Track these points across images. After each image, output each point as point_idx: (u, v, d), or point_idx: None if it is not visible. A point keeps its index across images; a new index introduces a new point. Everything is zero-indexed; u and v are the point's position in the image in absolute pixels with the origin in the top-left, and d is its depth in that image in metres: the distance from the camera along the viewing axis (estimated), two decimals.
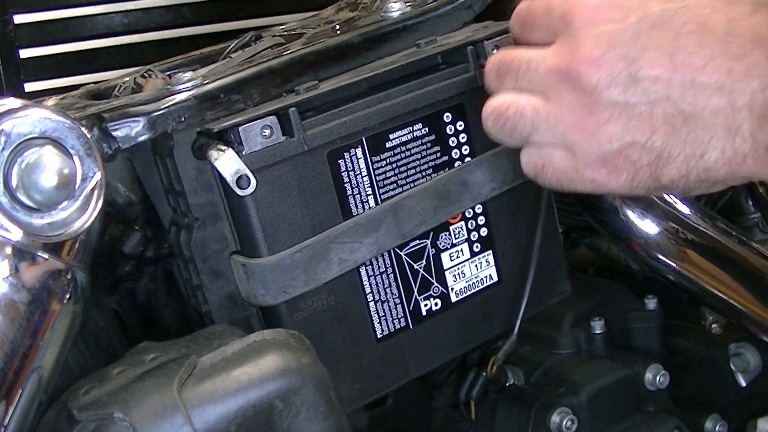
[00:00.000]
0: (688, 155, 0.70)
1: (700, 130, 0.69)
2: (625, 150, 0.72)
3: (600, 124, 0.72)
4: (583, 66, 0.71)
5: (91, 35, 1.35)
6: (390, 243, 0.87)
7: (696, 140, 0.69)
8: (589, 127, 0.72)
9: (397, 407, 1.06)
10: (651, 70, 0.69)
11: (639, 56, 0.70)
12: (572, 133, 0.73)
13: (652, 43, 0.70)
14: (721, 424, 1.17)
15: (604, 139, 0.72)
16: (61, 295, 0.69)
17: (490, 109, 0.78)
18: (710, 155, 0.69)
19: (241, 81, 0.85)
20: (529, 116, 0.75)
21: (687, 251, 1.08)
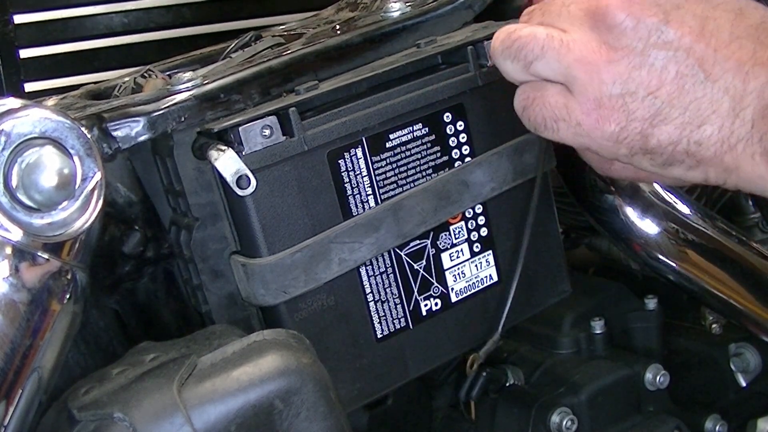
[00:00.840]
0: (686, 121, 0.69)
1: (706, 99, 0.69)
2: (625, 96, 0.70)
3: (610, 62, 0.70)
4: (614, 2, 0.70)
5: (91, 35, 1.35)
6: (390, 243, 0.87)
7: (698, 108, 0.69)
8: (597, 63, 0.71)
9: (397, 407, 1.06)
10: (680, 28, 0.69)
11: (672, 11, 0.69)
12: (577, 67, 0.72)
13: (689, 6, 0.69)
14: (721, 424, 1.17)
15: (608, 78, 0.71)
16: (61, 295, 0.69)
17: (505, 30, 0.76)
18: (707, 128, 0.69)
19: (241, 81, 0.85)
20: (541, 39, 0.73)
21: (687, 251, 1.08)
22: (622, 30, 0.70)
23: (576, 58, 0.71)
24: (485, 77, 0.89)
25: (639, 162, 0.73)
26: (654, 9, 0.70)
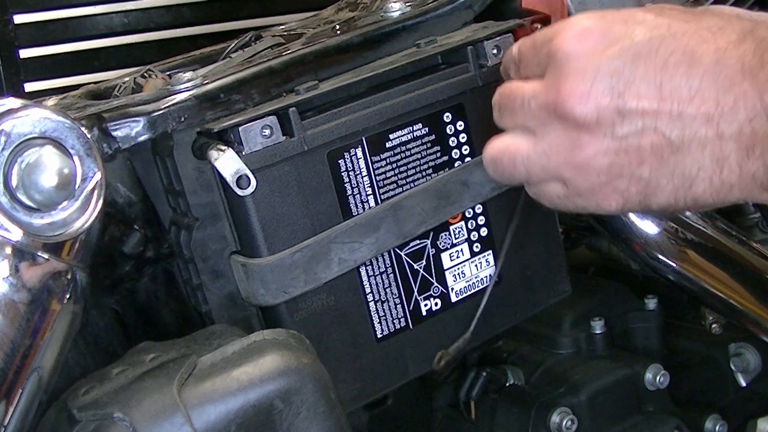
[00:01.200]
0: (677, 185, 0.71)
1: (688, 161, 0.69)
2: (614, 182, 0.72)
3: (588, 159, 0.72)
4: (570, 101, 0.71)
5: (91, 35, 1.35)
6: (390, 243, 0.87)
7: (684, 171, 0.70)
8: (578, 162, 0.73)
9: (397, 407, 1.05)
10: (638, 102, 0.69)
11: (626, 88, 0.69)
12: (563, 169, 0.74)
13: (638, 73, 0.69)
14: (721, 424, 1.17)
15: (592, 173, 0.73)
16: (61, 295, 0.69)
17: (489, 159, 0.81)
18: (698, 185, 0.70)
19: (241, 81, 0.85)
20: (520, 163, 0.77)
21: (687, 251, 1.08)
22: (587, 124, 0.71)
23: (558, 164, 0.74)
24: (485, 77, 0.90)
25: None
26: (608, 94, 0.70)
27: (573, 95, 0.70)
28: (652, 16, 0.71)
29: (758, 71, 0.66)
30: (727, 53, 0.67)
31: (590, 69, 0.70)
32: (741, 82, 0.67)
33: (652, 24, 0.70)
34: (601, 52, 0.70)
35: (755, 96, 0.66)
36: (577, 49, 0.71)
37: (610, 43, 0.70)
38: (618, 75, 0.69)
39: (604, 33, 0.71)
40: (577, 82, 0.70)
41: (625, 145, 0.70)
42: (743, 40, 0.68)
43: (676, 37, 0.69)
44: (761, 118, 0.66)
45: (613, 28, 0.71)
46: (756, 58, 0.66)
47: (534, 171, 0.77)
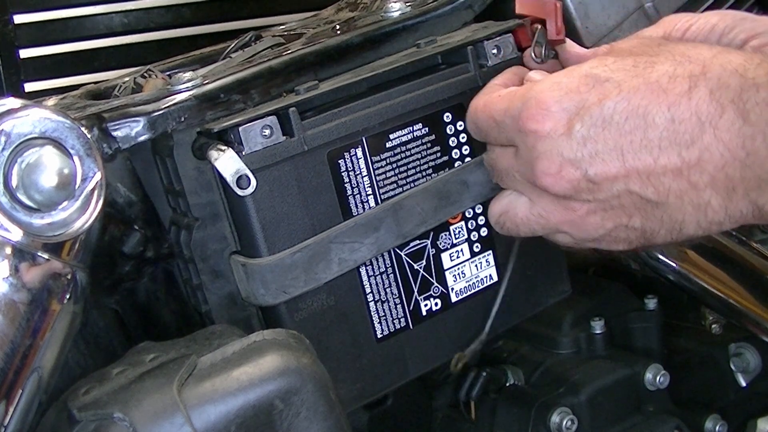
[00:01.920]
0: (668, 230, 0.73)
1: (670, 211, 0.71)
2: (612, 232, 0.76)
3: (582, 218, 0.76)
4: (545, 181, 0.74)
5: (91, 35, 1.35)
6: (390, 243, 0.87)
7: (671, 219, 0.72)
8: (574, 221, 0.76)
9: (397, 407, 1.05)
10: (606, 172, 0.72)
11: (591, 161, 0.72)
12: (563, 226, 0.78)
13: (600, 145, 0.71)
14: (721, 424, 1.17)
15: (591, 229, 0.76)
16: (61, 295, 0.69)
17: (493, 221, 0.86)
18: (688, 228, 0.72)
19: (241, 81, 0.85)
20: (522, 225, 0.82)
21: (687, 251, 1.08)
22: (568, 197, 0.75)
23: (557, 222, 0.78)
24: (485, 77, 0.89)
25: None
26: (577, 170, 0.73)
27: (546, 177, 0.74)
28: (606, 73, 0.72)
29: (718, 120, 0.66)
30: (680, 108, 0.68)
31: (555, 150, 0.73)
32: (701, 136, 0.67)
33: (603, 89, 0.71)
34: (563, 132, 0.73)
35: (721, 146, 0.66)
36: (540, 130, 0.74)
37: (569, 119, 0.72)
38: (581, 150, 0.72)
39: (561, 109, 0.73)
40: (546, 164, 0.74)
41: (609, 206, 0.74)
42: (695, 87, 0.67)
43: (628, 97, 0.70)
44: (732, 164, 0.66)
45: (569, 105, 0.73)
46: (713, 105, 0.66)
47: (536, 229, 0.81)
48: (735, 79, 0.66)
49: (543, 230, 0.80)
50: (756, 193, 0.66)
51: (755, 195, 0.67)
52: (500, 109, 0.78)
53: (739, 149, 0.65)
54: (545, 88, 0.74)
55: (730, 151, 0.66)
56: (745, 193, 0.67)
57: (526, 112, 0.74)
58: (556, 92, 0.73)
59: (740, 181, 0.66)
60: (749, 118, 0.64)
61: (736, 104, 0.65)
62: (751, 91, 0.65)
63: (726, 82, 0.66)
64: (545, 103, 0.73)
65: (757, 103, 0.64)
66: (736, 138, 0.65)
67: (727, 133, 0.65)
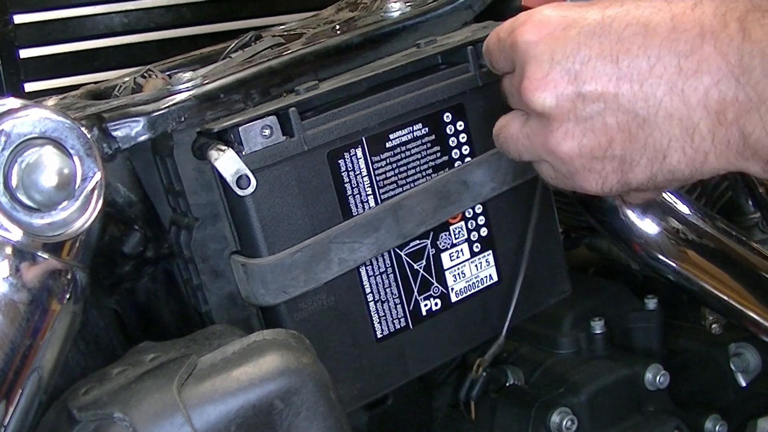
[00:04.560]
0: (650, 158, 0.70)
1: (656, 133, 0.69)
2: (589, 163, 0.72)
3: (558, 143, 0.73)
4: (529, 89, 0.72)
5: (91, 35, 1.35)
6: (390, 243, 0.87)
7: (654, 144, 0.69)
8: (550, 147, 0.73)
9: (397, 407, 1.06)
10: (596, 82, 0.69)
11: (582, 69, 0.69)
12: (542, 153, 0.75)
13: (594, 52, 0.69)
14: (721, 424, 1.17)
15: (566, 158, 0.73)
16: (61, 295, 0.69)
17: (494, 133, 0.82)
18: (672, 156, 0.69)
19: (241, 81, 0.85)
20: (512, 144, 0.78)
21: (687, 251, 1.08)
22: (548, 111, 0.71)
23: (539, 147, 0.75)
24: (485, 77, 0.89)
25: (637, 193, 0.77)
26: (565, 77, 0.70)
27: (531, 84, 0.71)
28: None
29: (720, 32, 0.65)
30: (683, 18, 0.66)
31: (547, 54, 0.70)
32: (701, 46, 0.65)
33: (605, 3, 0.70)
34: (558, 37, 0.70)
35: (719, 58, 0.65)
36: (535, 37, 0.71)
37: (566, 26, 0.70)
38: (574, 56, 0.69)
39: (560, 19, 0.71)
40: (534, 70, 0.71)
41: (591, 126, 0.70)
42: (699, 3, 0.67)
43: (630, 11, 0.69)
44: (728, 80, 0.65)
45: (569, 13, 0.71)
46: (717, 18, 0.65)
47: (522, 152, 0.78)
48: (742, 3, 0.65)
49: (528, 153, 0.78)
50: (745, 118, 0.65)
51: (744, 120, 0.65)
52: (504, 27, 0.76)
53: (735, 66, 0.64)
54: (550, 5, 0.73)
55: (728, 65, 0.64)
56: (735, 118, 0.65)
57: (524, 24, 0.72)
58: (557, 8, 0.72)
59: (731, 102, 0.65)
60: (750, 36, 0.64)
61: (740, 21, 0.64)
62: (756, 14, 0.64)
63: (732, 4, 0.65)
64: (543, 13, 0.72)
65: (761, 25, 0.63)
66: (734, 53, 0.64)
67: (727, 47, 0.64)
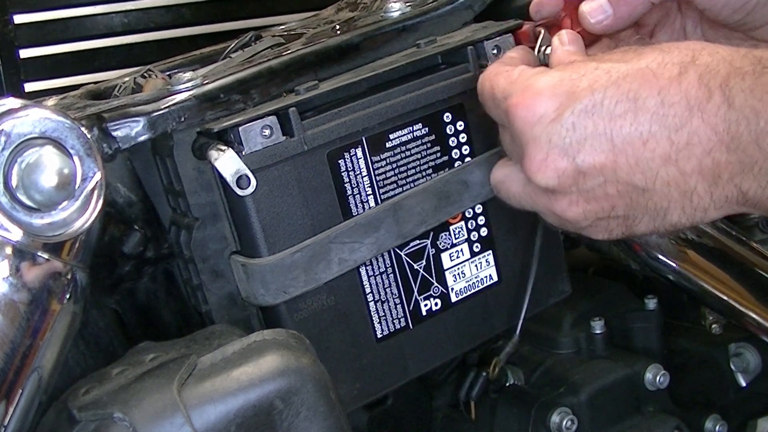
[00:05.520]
0: (652, 217, 0.73)
1: (656, 197, 0.71)
2: (594, 223, 0.76)
3: (564, 211, 0.76)
4: (532, 170, 0.75)
5: (91, 35, 1.35)
6: (390, 243, 0.87)
7: (655, 206, 0.72)
8: (556, 212, 0.77)
9: (397, 407, 1.05)
10: (594, 159, 0.72)
11: (580, 148, 0.72)
12: (547, 214, 0.80)
13: (589, 131, 0.71)
14: (721, 424, 1.17)
15: (572, 220, 0.76)
16: (61, 295, 0.69)
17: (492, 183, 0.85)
18: (672, 214, 0.72)
19: (241, 81, 0.85)
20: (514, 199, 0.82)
21: (687, 251, 1.08)
22: (552, 188, 0.75)
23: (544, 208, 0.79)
24: None
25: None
26: (564, 158, 0.73)
27: (533, 165, 0.74)
28: (594, 64, 0.73)
29: (705, 103, 0.67)
30: (670, 90, 0.68)
31: (544, 137, 0.73)
32: (690, 120, 0.68)
33: (593, 75, 0.72)
34: (553, 118, 0.73)
35: (708, 129, 0.67)
36: (530, 116, 0.74)
37: (559, 106, 0.72)
38: (570, 137, 0.72)
39: (553, 99, 0.73)
40: (534, 152, 0.74)
41: (593, 195, 0.74)
42: (684, 72, 0.68)
43: (618, 83, 0.71)
44: (719, 148, 0.67)
45: (561, 90, 0.73)
46: (702, 89, 0.67)
47: (525, 206, 0.81)
48: (723, 66, 0.67)
49: (532, 209, 0.81)
50: (740, 177, 0.67)
51: (739, 179, 0.67)
52: (501, 87, 0.78)
53: (724, 134, 0.66)
54: (538, 78, 0.74)
55: (717, 135, 0.67)
56: (730, 178, 0.68)
57: (517, 98, 0.74)
58: (548, 79, 0.74)
59: (725, 166, 0.67)
60: (734, 103, 0.66)
61: (722, 90, 0.66)
62: (737, 78, 0.66)
63: (715, 69, 0.67)
64: (536, 89, 0.74)
65: (742, 89, 0.65)
66: (722, 123, 0.66)
67: (714, 117, 0.66)
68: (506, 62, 0.83)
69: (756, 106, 0.64)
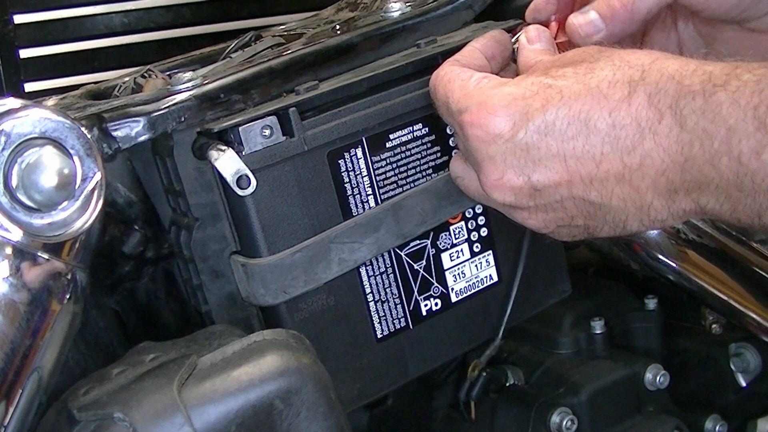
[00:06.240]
0: (612, 226, 0.74)
1: (613, 212, 0.72)
2: (556, 229, 0.78)
3: (524, 220, 0.78)
4: (488, 187, 0.76)
5: (91, 35, 1.36)
6: (390, 243, 0.87)
7: (613, 218, 0.73)
8: (517, 219, 0.79)
9: (397, 407, 1.06)
10: (548, 178, 0.72)
11: (535, 168, 0.73)
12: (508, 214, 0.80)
13: (542, 152, 0.72)
14: (721, 424, 1.17)
15: (533, 228, 0.78)
16: (61, 295, 0.69)
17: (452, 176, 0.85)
18: (632, 225, 0.73)
19: (241, 81, 0.85)
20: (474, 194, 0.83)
21: (687, 251, 1.08)
22: (509, 203, 0.76)
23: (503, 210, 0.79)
24: None
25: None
26: (520, 177, 0.74)
27: (488, 182, 0.75)
28: (548, 80, 0.73)
29: (657, 125, 0.67)
30: (620, 113, 0.68)
31: (499, 157, 0.74)
32: (642, 142, 0.68)
33: (545, 95, 0.72)
34: (507, 138, 0.73)
35: (661, 151, 0.67)
36: (484, 136, 0.74)
37: (513, 125, 0.73)
38: (525, 157, 0.73)
39: (507, 119, 0.73)
40: (490, 170, 0.75)
41: (551, 209, 0.75)
42: (634, 92, 0.68)
43: (569, 103, 0.71)
44: (673, 169, 0.67)
45: (514, 111, 0.73)
46: (652, 110, 0.67)
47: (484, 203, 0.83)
48: (672, 85, 0.67)
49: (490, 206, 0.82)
50: (696, 194, 0.67)
51: (696, 195, 0.68)
52: (455, 97, 0.77)
53: (678, 155, 0.66)
54: (493, 93, 0.75)
55: (670, 156, 0.67)
56: (687, 194, 0.68)
57: (471, 115, 0.75)
58: (502, 99, 0.74)
59: (681, 184, 0.67)
60: (686, 125, 0.65)
61: (673, 110, 0.66)
62: (687, 99, 0.66)
63: (664, 88, 0.67)
64: (490, 107, 0.74)
65: (693, 110, 0.65)
66: (674, 144, 0.66)
67: (666, 139, 0.67)
68: (460, 60, 0.82)
69: (708, 128, 0.64)
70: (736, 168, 0.63)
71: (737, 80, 0.64)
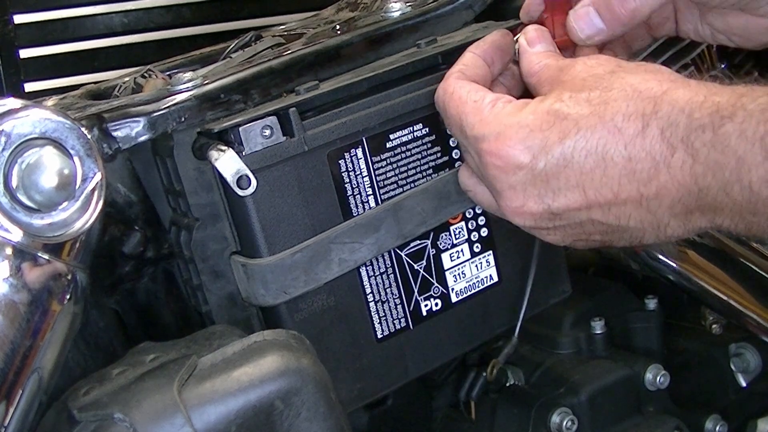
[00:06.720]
0: (628, 241, 0.77)
1: (630, 230, 0.75)
2: (573, 243, 0.81)
3: (543, 237, 0.81)
4: (509, 214, 0.79)
5: (91, 35, 1.36)
6: (390, 243, 0.87)
7: (630, 236, 0.76)
8: (539, 236, 0.82)
9: (397, 407, 1.05)
10: (568, 206, 0.75)
11: (554, 197, 0.75)
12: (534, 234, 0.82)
13: (561, 182, 0.74)
14: (721, 424, 1.17)
15: (553, 241, 0.81)
16: (61, 295, 0.69)
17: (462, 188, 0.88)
18: (647, 240, 0.76)
19: (241, 81, 0.85)
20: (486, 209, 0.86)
21: (687, 251, 1.08)
22: (529, 227, 0.80)
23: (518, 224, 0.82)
24: None
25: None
26: (540, 204, 0.76)
27: (510, 209, 0.78)
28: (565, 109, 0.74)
29: (670, 159, 0.69)
30: (635, 147, 0.71)
31: (520, 186, 0.76)
32: (657, 176, 0.70)
33: (562, 127, 0.74)
34: (528, 169, 0.75)
35: (675, 183, 0.69)
36: (504, 166, 0.76)
37: (533, 158, 0.75)
38: (545, 187, 0.75)
39: (525, 148, 0.75)
40: (511, 199, 0.77)
41: (570, 228, 0.78)
42: (647, 127, 0.70)
43: (586, 136, 0.73)
44: (688, 197, 0.70)
45: (533, 139, 0.74)
46: (665, 144, 0.69)
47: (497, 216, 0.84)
48: (683, 119, 0.69)
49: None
50: (712, 215, 0.70)
51: (711, 216, 0.70)
52: (470, 121, 0.79)
53: (692, 185, 0.69)
54: (510, 124, 0.76)
55: (685, 187, 0.69)
56: (702, 215, 0.70)
57: (490, 144, 0.76)
58: (520, 131, 0.75)
59: (696, 207, 0.70)
60: (698, 157, 0.68)
61: (685, 144, 0.68)
62: (697, 132, 0.68)
63: (675, 122, 0.69)
64: (510, 141, 0.75)
65: (704, 143, 0.67)
66: (688, 176, 0.69)
67: (680, 172, 0.69)
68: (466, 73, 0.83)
69: (719, 159, 0.67)
70: (748, 195, 0.66)
71: (743, 111, 0.66)
